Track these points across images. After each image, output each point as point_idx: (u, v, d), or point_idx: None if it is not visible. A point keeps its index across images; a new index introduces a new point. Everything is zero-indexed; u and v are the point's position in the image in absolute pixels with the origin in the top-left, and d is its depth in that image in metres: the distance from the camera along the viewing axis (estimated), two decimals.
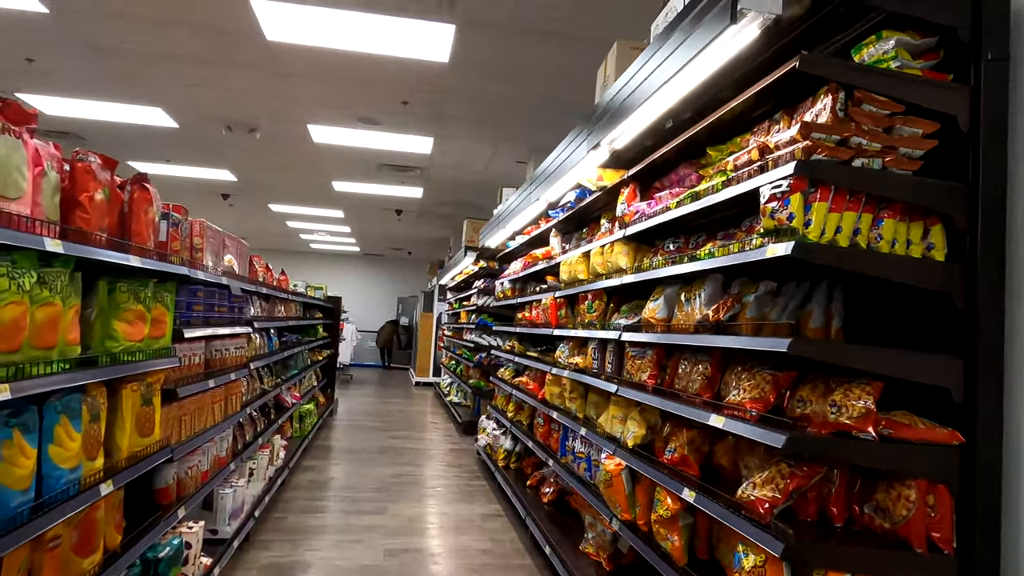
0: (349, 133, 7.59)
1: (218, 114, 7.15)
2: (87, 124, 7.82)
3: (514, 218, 6.05)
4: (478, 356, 9.52)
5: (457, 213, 12.34)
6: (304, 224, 15.25)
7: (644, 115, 3.12)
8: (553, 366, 4.73)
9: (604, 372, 3.75)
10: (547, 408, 4.84)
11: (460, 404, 10.80)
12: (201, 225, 3.41)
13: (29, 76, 6.30)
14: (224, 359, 3.94)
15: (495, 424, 7.05)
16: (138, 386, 2.66)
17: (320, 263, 20.47)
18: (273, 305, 5.62)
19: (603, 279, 3.77)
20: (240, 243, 4.29)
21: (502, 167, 8.74)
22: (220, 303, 3.74)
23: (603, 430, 3.67)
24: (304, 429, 7.39)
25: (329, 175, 9.83)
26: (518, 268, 6.43)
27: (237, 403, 4.24)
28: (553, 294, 4.85)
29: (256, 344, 4.88)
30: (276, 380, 5.88)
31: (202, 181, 10.76)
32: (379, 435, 8.76)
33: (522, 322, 6.12)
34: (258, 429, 5.08)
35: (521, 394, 5.78)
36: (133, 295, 2.51)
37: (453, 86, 5.94)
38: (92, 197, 2.24)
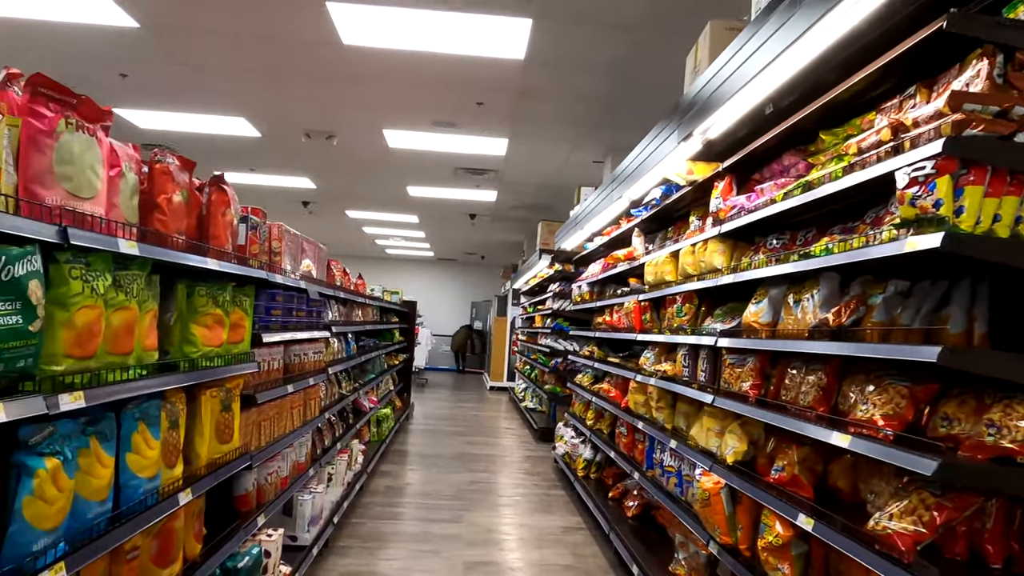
0: (424, 137, 7.57)
1: (297, 122, 7.27)
2: (177, 136, 8.14)
3: (593, 218, 5.82)
4: (554, 361, 9.32)
5: (531, 216, 12.20)
6: (380, 230, 15.49)
7: (741, 101, 2.85)
8: (637, 373, 4.48)
9: (696, 381, 3.48)
10: (631, 417, 4.59)
11: (535, 410, 10.63)
12: (279, 228, 3.38)
13: (124, 91, 6.58)
14: (303, 364, 3.91)
15: (573, 432, 6.83)
16: (217, 392, 2.61)
17: (395, 268, 20.81)
18: (350, 309, 5.61)
19: (694, 280, 3.50)
20: (318, 247, 4.27)
21: (578, 168, 8.52)
22: (298, 307, 3.70)
23: (696, 443, 3.40)
24: (381, 433, 7.40)
25: (404, 180, 9.88)
26: (597, 270, 6.20)
27: (316, 408, 4.21)
28: (637, 297, 4.60)
29: (334, 348, 4.87)
30: (354, 384, 5.88)
31: (284, 189, 11.07)
32: (455, 440, 8.69)
33: (602, 326, 5.88)
34: (336, 434, 5.06)
35: (601, 402, 5.54)
36: (211, 299, 2.46)
37: (529, 84, 5.78)
38: (170, 199, 2.19)
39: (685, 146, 3.34)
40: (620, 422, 5.14)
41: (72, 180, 1.55)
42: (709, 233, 3.25)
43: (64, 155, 1.53)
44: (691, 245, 3.54)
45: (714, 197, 3.24)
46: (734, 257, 3.17)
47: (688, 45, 3.76)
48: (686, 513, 3.41)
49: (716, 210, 3.18)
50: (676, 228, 4.36)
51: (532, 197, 10.59)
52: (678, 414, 3.94)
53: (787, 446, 2.61)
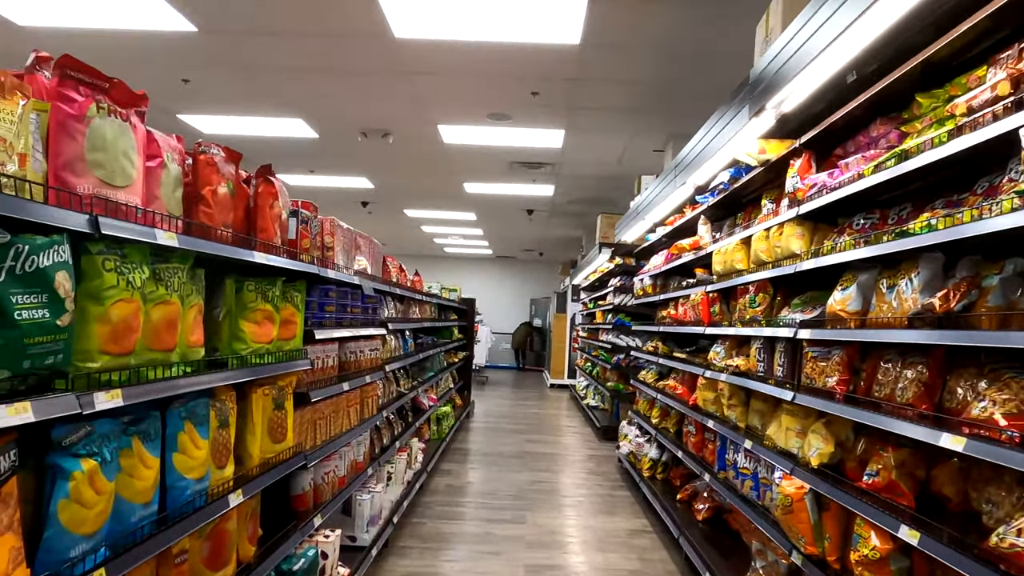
0: (479, 131, 7.46)
1: (353, 121, 7.28)
2: (239, 140, 8.30)
3: (655, 208, 5.57)
4: (615, 358, 9.07)
5: (589, 210, 11.96)
6: (438, 228, 15.54)
7: (819, 70, 2.59)
8: (706, 369, 4.22)
9: (773, 376, 3.22)
10: (700, 416, 4.33)
11: (597, 408, 10.40)
12: (332, 223, 3.30)
13: (186, 97, 6.73)
14: (359, 361, 3.84)
15: (637, 430, 6.58)
16: (270, 390, 2.54)
17: (454, 267, 20.88)
18: (408, 306, 5.55)
19: (768, 268, 3.24)
20: (372, 243, 4.20)
21: (637, 158, 8.24)
22: (353, 304, 3.63)
23: (773, 443, 3.14)
24: (442, 431, 7.34)
25: (460, 176, 9.82)
26: (659, 262, 5.94)
27: (373, 406, 4.15)
28: (704, 288, 4.34)
29: (391, 346, 4.80)
30: (412, 382, 5.82)
31: (343, 190, 11.19)
32: (516, 438, 8.57)
33: (666, 321, 5.63)
34: (395, 432, 5.00)
35: (667, 399, 5.29)
36: (261, 294, 2.39)
37: (584, 70, 5.57)
38: (215, 191, 2.12)
39: (756, 122, 3.08)
40: (687, 420, 4.89)
41: (104, 168, 1.47)
42: (785, 216, 2.98)
43: (96, 141, 1.45)
44: (764, 230, 3.28)
45: (790, 176, 2.97)
46: (814, 241, 2.90)
47: (756, 16, 3.50)
48: (764, 519, 3.16)
49: (793, 190, 2.92)
50: (746, 214, 4.08)
51: (590, 190, 10.36)
52: (752, 412, 3.68)
53: (882, 448, 2.34)
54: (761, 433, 3.51)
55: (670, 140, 7.35)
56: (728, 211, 4.46)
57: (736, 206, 4.31)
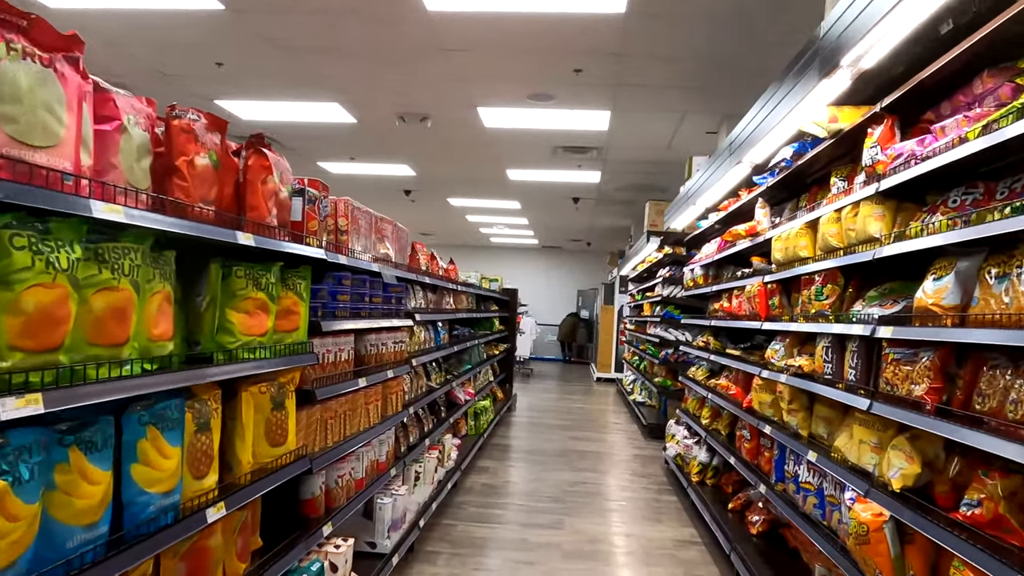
0: (520, 114, 7.11)
1: (390, 104, 7.04)
2: (279, 126, 8.18)
3: (706, 191, 5.13)
4: (664, 352, 8.62)
5: (637, 198, 11.47)
6: (482, 218, 15.27)
7: (903, 19, 2.16)
8: (763, 368, 3.80)
9: (843, 380, 2.79)
10: (755, 420, 3.91)
11: (644, 404, 9.97)
12: (346, 204, 3.03)
13: (223, 82, 6.60)
14: (380, 355, 3.57)
15: (686, 431, 6.16)
16: (267, 387, 2.28)
17: (499, 257, 20.60)
18: (440, 297, 5.28)
19: (838, 255, 2.81)
20: (398, 228, 3.92)
21: (688, 140, 7.75)
22: (373, 293, 3.35)
23: (843, 457, 2.72)
24: (479, 427, 7.07)
25: (503, 162, 9.49)
26: (712, 251, 5.49)
27: (398, 403, 3.88)
28: (762, 278, 3.90)
29: (420, 338, 4.53)
30: (446, 376, 5.54)
31: (385, 178, 11.02)
32: (559, 435, 8.24)
33: (718, 314, 5.19)
34: (425, 429, 4.74)
35: (718, 399, 4.86)
36: (252, 281, 2.12)
37: (631, 44, 5.16)
38: (192, 162, 1.85)
39: (827, 85, 2.65)
40: (741, 424, 4.46)
41: (17, 123, 1.21)
42: (862, 193, 2.55)
43: (4, 88, 1.19)
44: (835, 211, 2.84)
45: (867, 147, 2.53)
46: (896, 223, 2.46)
47: None
48: (831, 544, 2.74)
49: (871, 163, 2.48)
50: (810, 195, 3.62)
51: (638, 176, 9.88)
52: (816, 419, 3.25)
53: (985, 473, 1.91)
54: (827, 444, 3.09)
55: (724, 121, 6.85)
56: (790, 193, 4.01)
57: (799, 187, 3.86)
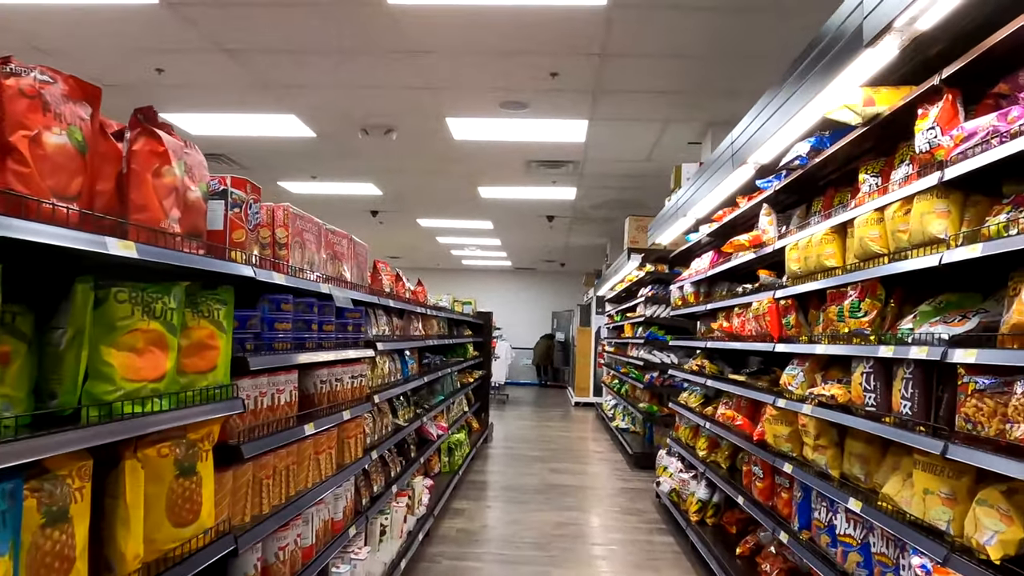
0: (492, 124, 6.65)
1: (351, 114, 6.52)
2: (232, 142, 7.60)
3: (699, 201, 4.70)
4: (648, 376, 8.15)
5: (614, 215, 11.08)
6: (454, 239, 14.76)
7: None
8: (777, 397, 3.32)
9: (892, 413, 2.31)
10: (769, 456, 3.42)
11: (628, 431, 9.46)
12: (286, 213, 2.49)
13: (166, 91, 6.02)
14: (334, 393, 3.01)
15: (679, 463, 5.66)
16: (169, 448, 1.71)
17: (472, 280, 20.06)
18: (408, 322, 4.72)
19: (881, 263, 2.35)
20: (355, 244, 3.38)
21: (671, 152, 7.36)
22: (324, 319, 2.80)
23: (895, 507, 2.24)
24: (454, 463, 6.47)
25: (474, 179, 9.02)
26: (704, 266, 5.05)
27: (357, 448, 3.31)
28: (772, 294, 3.44)
29: (384, 370, 3.96)
30: (415, 410, 4.97)
31: (350, 198, 10.46)
32: (538, 468, 7.67)
33: (714, 335, 4.72)
34: (392, 474, 4.15)
35: (719, 430, 4.38)
36: (142, 307, 1.57)
37: (612, 42, 4.74)
38: (39, 139, 1.31)
39: (871, 56, 2.20)
40: (750, 458, 3.97)
41: None
42: (918, 186, 2.09)
43: None
44: (875, 211, 2.39)
45: (921, 130, 2.09)
46: (965, 220, 2.01)
47: None
48: None
49: (928, 148, 2.03)
50: (826, 199, 3.19)
51: (616, 192, 9.48)
52: (849, 457, 2.77)
53: None
54: (865, 486, 2.61)
55: (710, 129, 6.48)
56: (799, 197, 3.57)
57: (811, 190, 3.42)
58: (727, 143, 3.92)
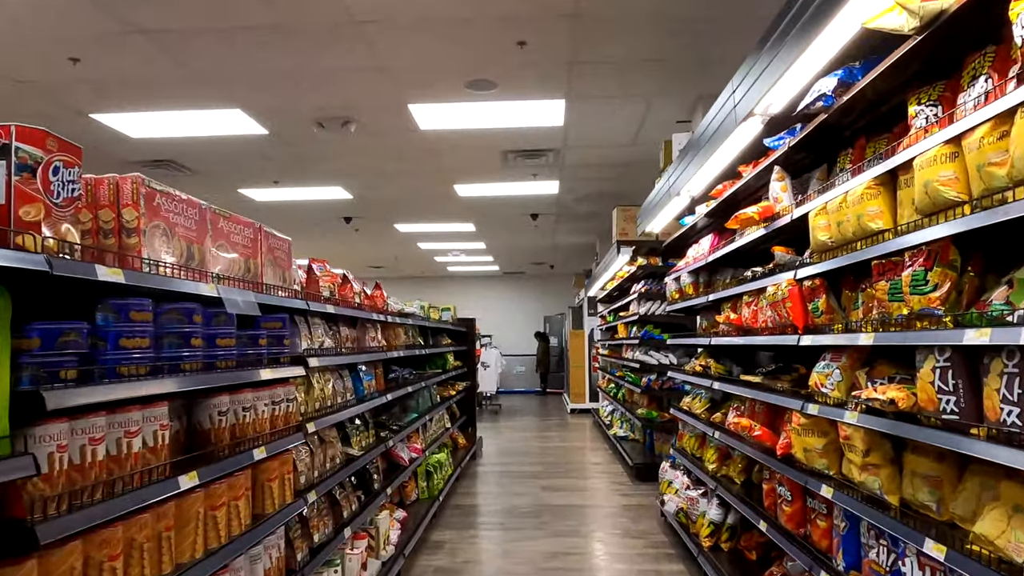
0: (460, 110, 6.01)
1: (300, 105, 5.86)
2: (178, 145, 6.93)
3: (695, 175, 4.05)
4: (645, 379, 7.49)
5: (600, 210, 10.45)
6: (435, 244, 14.10)
7: None
8: (806, 401, 2.67)
9: (987, 423, 1.66)
10: (800, 475, 2.76)
11: (627, 439, 8.79)
12: (136, 187, 1.81)
13: (85, 85, 5.35)
14: (242, 425, 2.33)
15: (685, 477, 4.99)
16: None
17: (459, 288, 19.38)
18: (363, 332, 4.05)
19: (960, 214, 1.70)
20: (267, 235, 2.70)
21: (657, 134, 6.73)
22: (215, 331, 2.13)
23: (998, 555, 1.58)
24: (433, 488, 5.78)
25: (449, 176, 8.36)
26: (703, 251, 4.41)
27: (285, 491, 2.63)
28: (792, 274, 2.79)
29: (325, 391, 3.28)
30: (377, 434, 4.29)
31: (319, 204, 9.79)
32: (531, 485, 6.98)
33: (719, 329, 4.07)
34: (345, 514, 3.47)
35: (731, 440, 3.72)
36: None
37: (585, 1, 4.11)
38: None
39: None
40: (772, 474, 3.31)
41: None
42: None
43: None
44: (945, 144, 1.74)
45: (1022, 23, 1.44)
46: None
47: None
48: None
49: None
50: (856, 151, 2.54)
51: (601, 183, 8.84)
52: (913, 479, 2.11)
53: None
54: (936, 515, 1.96)
55: (699, 103, 5.84)
56: (818, 157, 2.93)
57: (834, 144, 2.78)
58: (726, 95, 3.28)
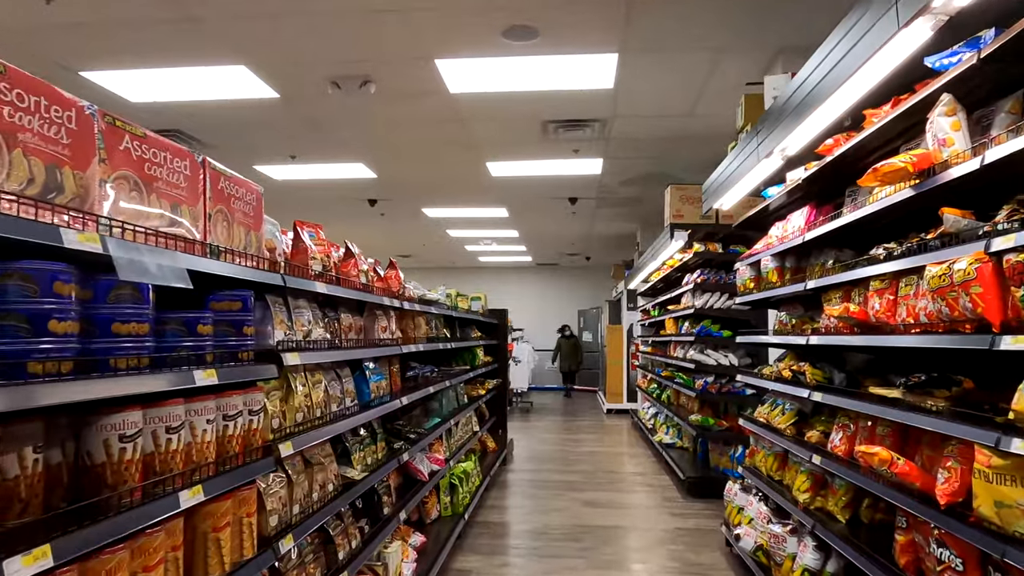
0: (495, 67, 5.18)
1: (312, 59, 5.09)
2: (184, 111, 6.24)
3: (799, 123, 3.15)
4: (701, 382, 6.59)
5: (645, 194, 9.54)
6: (466, 232, 13.32)
7: None
8: (1005, 434, 1.79)
9: None
10: (986, 540, 1.88)
11: (674, 446, 7.89)
12: None
13: (77, 39, 4.66)
14: (166, 455, 1.55)
15: (762, 504, 4.11)
16: None
17: (490, 279, 18.56)
18: (371, 321, 3.26)
19: None
20: (217, 174, 1.91)
21: (720, 101, 5.82)
22: (106, 310, 1.35)
23: None
24: (458, 503, 5.00)
25: (481, 151, 7.55)
26: (795, 228, 3.52)
27: (244, 542, 1.85)
28: (982, 246, 1.91)
29: (315, 397, 2.49)
30: (389, 448, 3.51)
31: (342, 183, 9.07)
32: (569, 500, 6.16)
33: (823, 326, 3.18)
34: (342, 555, 2.68)
35: (841, 471, 2.84)
36: None
37: None
38: None
39: None
40: (916, 525, 2.42)
41: None
42: None
43: None
44: None
45: None
46: None
47: None
48: None
49: None
50: None
51: (649, 162, 7.93)
52: None
53: None
54: None
55: (780, 57, 4.93)
56: (1004, 85, 2.03)
57: None
58: None
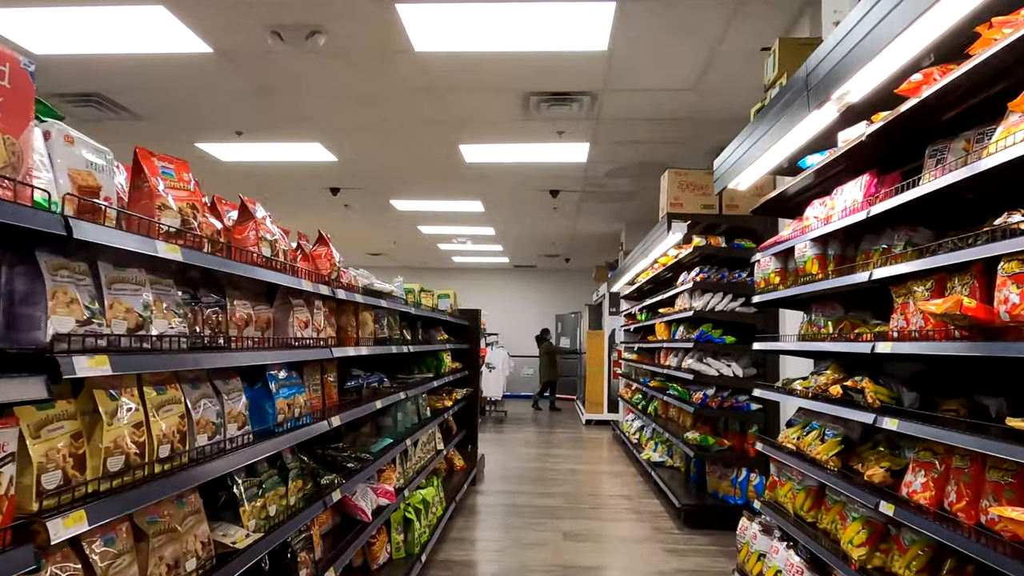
0: (469, 17, 4.33)
1: (251, 2, 4.20)
2: (100, 69, 5.29)
3: (876, 54, 2.33)
4: (700, 394, 5.77)
5: (636, 187, 8.79)
6: (439, 228, 12.44)
7: None
8: None
9: None
10: None
11: (663, 465, 7.07)
12: None
13: None
14: None
15: (791, 554, 3.29)
16: None
17: (465, 280, 17.61)
18: (284, 313, 2.38)
19: None
20: None
21: (729, 72, 5.05)
22: None
23: None
24: (414, 541, 4.10)
25: (453, 131, 6.69)
26: (848, 204, 2.72)
27: None
28: None
29: (156, 425, 1.60)
30: (315, 481, 2.61)
31: (298, 167, 8.14)
32: (547, 529, 5.29)
33: (903, 329, 2.37)
34: None
35: (926, 525, 2.02)
36: None
37: None
38: None
39: None
40: None
41: None
42: None
43: None
44: None
45: None
46: None
47: None
48: None
49: None
50: None
51: (641, 148, 7.14)
52: None
53: None
54: None
55: (806, 10, 4.15)
56: None
57: None
58: None
